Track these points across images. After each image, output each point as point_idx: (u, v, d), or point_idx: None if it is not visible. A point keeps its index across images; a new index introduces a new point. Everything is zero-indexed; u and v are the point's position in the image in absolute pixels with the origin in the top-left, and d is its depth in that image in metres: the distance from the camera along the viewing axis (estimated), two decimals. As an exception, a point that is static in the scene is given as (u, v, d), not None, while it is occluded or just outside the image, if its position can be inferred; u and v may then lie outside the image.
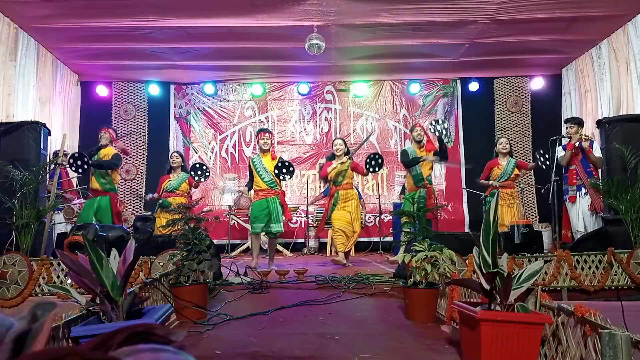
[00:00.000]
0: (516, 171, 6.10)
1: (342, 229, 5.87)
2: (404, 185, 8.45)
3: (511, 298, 1.93)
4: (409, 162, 5.95)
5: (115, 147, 6.20)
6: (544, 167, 5.94)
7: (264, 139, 5.71)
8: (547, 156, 5.89)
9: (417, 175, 5.87)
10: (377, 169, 5.81)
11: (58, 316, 1.74)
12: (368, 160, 5.75)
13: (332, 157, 6.07)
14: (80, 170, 5.63)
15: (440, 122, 5.87)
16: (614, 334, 1.44)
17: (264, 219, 5.54)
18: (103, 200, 5.90)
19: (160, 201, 6.25)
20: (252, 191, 5.84)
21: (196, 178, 6.01)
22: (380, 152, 5.82)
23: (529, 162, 7.79)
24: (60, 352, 0.32)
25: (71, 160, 5.62)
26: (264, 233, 5.71)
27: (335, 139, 6.22)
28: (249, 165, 5.84)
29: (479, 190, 6.77)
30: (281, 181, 5.71)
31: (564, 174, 6.05)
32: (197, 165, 6.06)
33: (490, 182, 6.14)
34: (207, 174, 6.09)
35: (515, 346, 1.81)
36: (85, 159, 5.63)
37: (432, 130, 5.81)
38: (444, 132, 5.77)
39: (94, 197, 5.92)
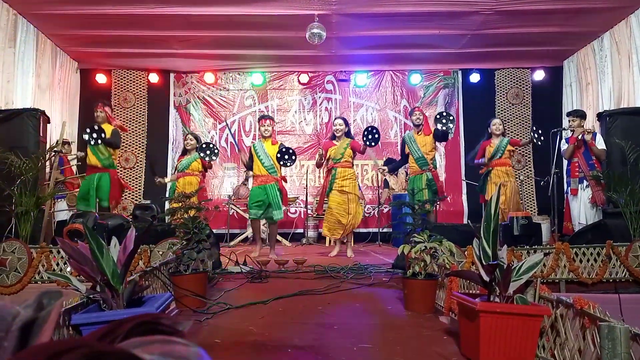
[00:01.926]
0: (509, 147, 6.02)
1: (336, 212, 5.75)
2: (385, 179, 8.44)
3: (510, 290, 1.93)
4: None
5: (113, 124, 6.06)
6: (539, 143, 5.87)
7: (264, 125, 5.73)
8: (540, 132, 5.84)
9: (420, 159, 5.83)
10: (373, 143, 5.62)
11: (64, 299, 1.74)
12: (365, 133, 5.60)
13: (333, 137, 6.01)
14: (92, 143, 5.46)
15: (445, 115, 5.73)
16: (613, 326, 1.44)
17: (262, 206, 5.57)
18: (103, 178, 5.69)
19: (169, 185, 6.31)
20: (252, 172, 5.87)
21: (207, 158, 5.90)
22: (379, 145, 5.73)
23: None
24: (68, 345, 0.32)
25: (89, 130, 5.45)
26: (263, 221, 5.73)
27: (336, 118, 6.10)
28: (250, 150, 5.84)
29: (477, 182, 6.76)
30: (282, 167, 5.71)
31: (567, 167, 6.05)
32: (205, 145, 5.95)
33: (484, 160, 6.14)
34: (216, 152, 5.98)
35: (514, 338, 1.82)
36: (103, 135, 5.49)
37: (440, 126, 5.68)
38: (450, 125, 5.68)
39: (92, 174, 5.70)
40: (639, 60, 6.47)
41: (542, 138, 5.82)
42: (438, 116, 5.68)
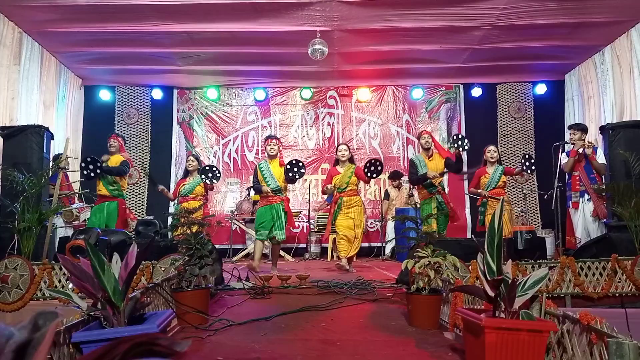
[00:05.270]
0: (503, 178, 5.96)
1: (345, 234, 5.86)
2: (387, 190, 8.42)
3: (516, 305, 1.91)
4: (415, 181, 5.95)
5: (122, 155, 6.18)
6: (528, 171, 5.89)
7: (270, 144, 5.72)
8: (532, 161, 5.83)
9: (428, 184, 5.82)
10: (375, 175, 5.72)
11: (59, 322, 1.73)
12: (368, 165, 5.69)
13: (336, 162, 6.04)
14: (92, 175, 5.60)
15: (461, 137, 5.75)
16: (621, 342, 1.42)
17: (268, 226, 5.55)
18: (111, 206, 5.88)
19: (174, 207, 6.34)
20: (253, 192, 5.84)
21: (207, 181, 5.89)
22: (382, 158, 5.75)
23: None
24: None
25: (83, 164, 5.59)
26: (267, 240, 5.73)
27: (339, 145, 6.16)
28: (256, 170, 5.81)
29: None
30: (292, 182, 5.70)
31: (568, 180, 6.03)
32: (207, 168, 5.93)
33: (480, 191, 6.01)
34: (218, 175, 5.97)
35: (520, 354, 1.79)
36: (99, 164, 5.61)
37: (455, 147, 5.68)
38: (465, 148, 5.67)
39: (102, 203, 5.88)
40: (641, 73, 6.48)
41: (533, 167, 5.80)
42: (454, 137, 5.72)
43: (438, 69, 8.37)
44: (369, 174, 5.66)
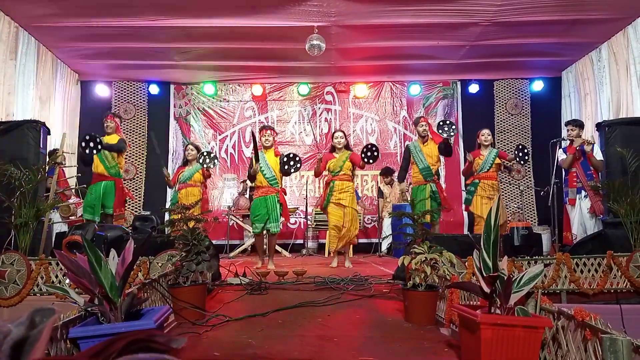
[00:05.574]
0: (497, 160, 5.96)
1: (335, 224, 5.78)
2: (379, 188, 8.43)
3: (511, 301, 1.92)
4: (399, 176, 6.36)
5: (118, 135, 6.19)
6: (521, 162, 5.93)
7: (265, 135, 5.73)
8: (526, 151, 5.85)
9: (425, 169, 5.84)
10: (372, 160, 5.65)
11: (56, 318, 1.73)
12: (364, 151, 5.63)
13: (333, 149, 6.00)
14: (94, 152, 5.61)
15: (448, 123, 5.79)
16: (615, 338, 1.43)
17: (264, 218, 5.55)
18: (108, 184, 5.88)
19: (171, 198, 6.50)
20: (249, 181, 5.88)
21: (205, 165, 6.00)
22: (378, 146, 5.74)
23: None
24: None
25: (84, 143, 5.59)
26: (265, 232, 5.74)
27: (335, 131, 6.09)
28: (251, 161, 5.83)
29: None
30: (287, 174, 5.76)
31: (565, 177, 6.04)
32: (205, 153, 6.10)
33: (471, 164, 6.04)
34: (216, 159, 6.11)
35: (515, 350, 1.81)
36: (98, 140, 5.62)
37: (441, 132, 5.73)
38: (452, 133, 5.69)
39: (99, 182, 5.87)
40: (637, 70, 6.50)
41: (526, 158, 5.83)
42: (440, 123, 5.74)
43: (435, 65, 8.37)
44: (365, 159, 5.61)
